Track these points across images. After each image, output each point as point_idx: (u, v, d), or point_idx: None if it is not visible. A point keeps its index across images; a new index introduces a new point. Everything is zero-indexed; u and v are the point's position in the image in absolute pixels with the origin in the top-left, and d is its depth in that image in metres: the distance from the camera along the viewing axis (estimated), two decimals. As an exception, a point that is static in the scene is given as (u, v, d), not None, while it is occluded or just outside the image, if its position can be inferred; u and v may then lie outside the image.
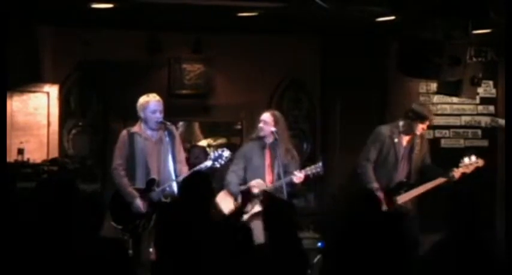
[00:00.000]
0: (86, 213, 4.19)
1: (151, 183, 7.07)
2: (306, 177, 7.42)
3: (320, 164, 7.46)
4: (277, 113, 7.71)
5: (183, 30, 9.22)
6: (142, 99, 7.21)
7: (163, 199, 7.01)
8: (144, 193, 7.05)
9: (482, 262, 4.76)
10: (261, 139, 7.58)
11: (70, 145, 9.23)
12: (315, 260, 7.74)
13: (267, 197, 5.52)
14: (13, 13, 6.50)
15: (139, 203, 7.05)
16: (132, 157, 7.13)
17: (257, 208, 7.39)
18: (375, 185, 7.57)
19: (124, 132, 7.29)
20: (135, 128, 7.22)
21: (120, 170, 7.15)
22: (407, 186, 7.69)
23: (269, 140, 7.53)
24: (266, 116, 7.58)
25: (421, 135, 7.81)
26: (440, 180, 7.67)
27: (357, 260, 5.09)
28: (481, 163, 7.82)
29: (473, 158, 7.83)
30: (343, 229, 5.51)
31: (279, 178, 7.41)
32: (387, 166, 7.70)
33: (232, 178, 7.57)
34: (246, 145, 7.82)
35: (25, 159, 8.46)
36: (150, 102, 7.16)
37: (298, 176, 7.34)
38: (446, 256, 4.80)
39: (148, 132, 7.21)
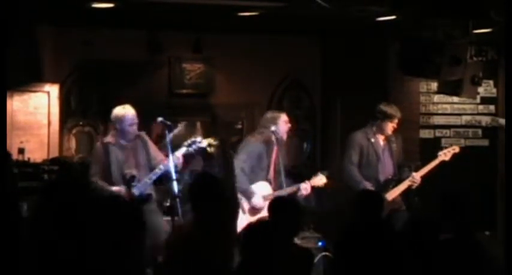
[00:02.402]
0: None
1: (131, 179, 7.10)
2: (312, 188, 7.59)
3: (322, 175, 7.61)
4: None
5: (183, 30, 9.22)
6: (119, 112, 7.19)
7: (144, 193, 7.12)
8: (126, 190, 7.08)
9: (475, 262, 4.77)
10: (269, 139, 7.59)
11: (70, 144, 9.24)
12: (316, 259, 7.75)
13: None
14: (13, 13, 6.50)
15: (117, 189, 7.06)
16: (108, 166, 7.15)
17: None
18: (366, 184, 7.64)
19: (98, 144, 7.33)
20: (109, 139, 7.24)
21: (97, 179, 7.16)
22: (394, 182, 7.80)
23: (275, 139, 7.59)
24: (286, 117, 7.71)
25: (395, 134, 7.92)
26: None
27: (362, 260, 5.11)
28: (457, 149, 7.95)
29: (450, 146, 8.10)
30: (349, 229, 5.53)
31: (279, 176, 7.52)
32: (371, 165, 7.80)
33: (242, 176, 7.57)
34: (257, 144, 7.72)
35: (26, 158, 8.47)
36: (127, 115, 7.17)
37: (305, 189, 7.50)
38: (441, 255, 4.80)
39: (122, 141, 7.23)
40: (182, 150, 7.19)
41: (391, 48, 8.99)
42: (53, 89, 9.00)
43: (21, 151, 8.50)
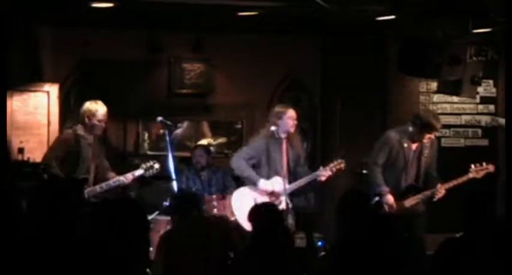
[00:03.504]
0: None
1: (83, 181, 7.28)
2: (331, 174, 7.56)
3: (342, 160, 7.56)
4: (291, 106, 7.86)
5: (183, 29, 9.22)
6: (92, 107, 7.33)
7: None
8: None
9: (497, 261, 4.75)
10: (272, 134, 7.55)
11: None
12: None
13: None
14: (13, 13, 6.50)
15: None
16: (76, 156, 7.29)
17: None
18: (385, 188, 7.46)
19: (69, 131, 7.44)
20: (80, 131, 7.35)
21: (54, 164, 7.30)
22: (415, 190, 7.57)
23: (285, 135, 7.58)
24: (293, 113, 7.62)
25: (432, 140, 7.63)
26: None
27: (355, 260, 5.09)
28: (491, 168, 7.68)
29: (484, 164, 7.71)
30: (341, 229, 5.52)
31: (294, 171, 7.57)
32: (396, 169, 7.55)
33: (242, 163, 7.59)
34: (263, 139, 7.65)
35: (25, 158, 8.46)
36: (99, 111, 7.32)
37: (324, 175, 7.48)
38: (458, 254, 4.79)
39: (89, 137, 7.40)
40: (139, 171, 7.42)
41: (391, 48, 8.98)
42: (53, 89, 8.98)
43: (20, 150, 8.49)
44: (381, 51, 9.31)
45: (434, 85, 9.28)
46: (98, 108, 7.31)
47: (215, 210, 7.93)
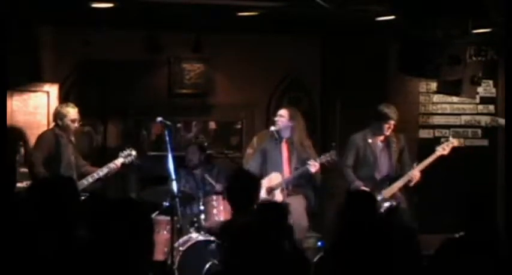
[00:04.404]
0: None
1: (72, 179, 7.37)
2: (321, 166, 7.67)
3: (333, 151, 7.71)
4: (293, 108, 8.08)
5: (183, 29, 9.22)
6: (63, 109, 7.67)
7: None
8: None
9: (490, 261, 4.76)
10: (277, 133, 7.76)
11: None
12: (315, 259, 7.76)
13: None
14: (13, 13, 6.50)
15: None
16: (58, 155, 7.53)
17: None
18: (358, 183, 7.78)
19: (48, 133, 7.68)
20: (58, 131, 7.61)
21: (43, 170, 7.41)
22: (389, 180, 7.88)
23: (285, 134, 7.78)
24: (282, 111, 7.91)
25: (395, 134, 7.96)
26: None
27: (354, 260, 5.09)
28: (456, 142, 8.01)
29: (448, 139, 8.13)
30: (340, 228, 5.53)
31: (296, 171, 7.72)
32: (367, 165, 7.91)
33: (250, 167, 7.84)
34: (265, 141, 8.04)
35: (25, 158, 8.46)
36: (70, 111, 7.63)
37: (313, 165, 7.59)
38: (457, 254, 4.80)
39: (66, 135, 7.63)
40: (120, 160, 7.69)
41: (391, 48, 8.99)
42: (53, 89, 8.98)
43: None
44: (381, 52, 9.31)
45: (434, 85, 9.29)
46: (68, 109, 7.64)
47: (215, 210, 7.92)
